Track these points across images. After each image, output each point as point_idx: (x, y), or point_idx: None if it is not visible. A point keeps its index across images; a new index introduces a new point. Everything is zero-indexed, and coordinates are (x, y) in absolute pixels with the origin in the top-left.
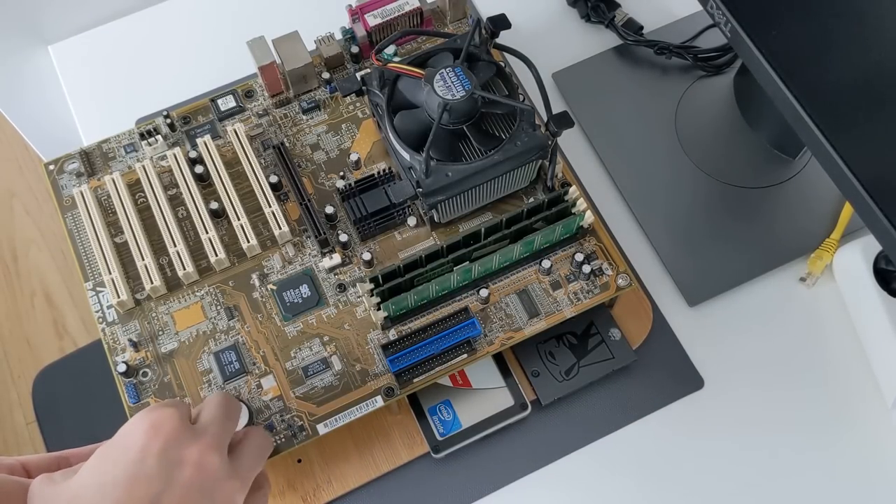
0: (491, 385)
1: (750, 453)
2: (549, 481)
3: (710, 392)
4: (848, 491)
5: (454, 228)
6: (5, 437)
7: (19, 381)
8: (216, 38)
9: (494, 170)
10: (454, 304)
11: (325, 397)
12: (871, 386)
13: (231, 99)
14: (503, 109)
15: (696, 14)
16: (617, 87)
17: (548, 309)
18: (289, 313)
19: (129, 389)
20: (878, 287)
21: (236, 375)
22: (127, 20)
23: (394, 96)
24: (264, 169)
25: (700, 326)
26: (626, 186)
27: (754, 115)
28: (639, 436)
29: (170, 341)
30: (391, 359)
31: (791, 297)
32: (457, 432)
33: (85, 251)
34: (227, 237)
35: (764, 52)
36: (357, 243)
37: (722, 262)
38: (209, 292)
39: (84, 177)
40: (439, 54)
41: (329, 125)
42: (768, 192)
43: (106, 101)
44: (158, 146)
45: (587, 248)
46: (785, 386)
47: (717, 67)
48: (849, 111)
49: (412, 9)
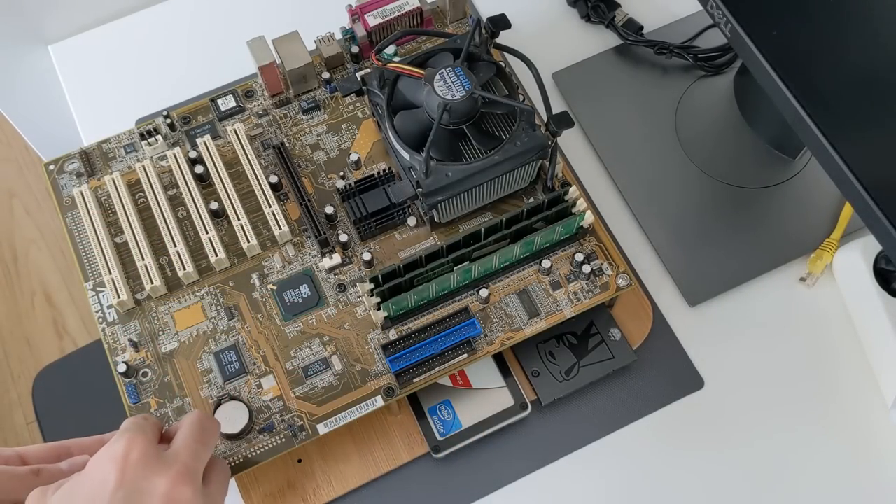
0: (491, 385)
1: (749, 453)
2: (549, 481)
3: (710, 392)
4: (848, 491)
5: (454, 228)
6: (5, 437)
7: (19, 381)
8: (216, 38)
9: (494, 170)
10: (454, 304)
11: (325, 397)
12: (871, 386)
13: (231, 99)
14: (503, 109)
15: (696, 14)
16: (617, 87)
17: (548, 309)
18: (289, 313)
19: (129, 389)
20: (878, 287)
21: (236, 375)
22: (127, 20)
23: (394, 96)
24: (264, 169)
25: (700, 326)
26: (626, 186)
27: (754, 115)
28: (639, 436)
29: (170, 341)
30: (391, 359)
31: (791, 297)
32: (457, 432)
33: (85, 251)
34: (227, 237)
35: (764, 52)
36: (357, 243)
37: (722, 262)
38: (209, 292)
39: (84, 177)
40: (439, 54)
41: (329, 125)
42: (768, 192)
43: (106, 101)
44: (158, 146)
45: (587, 248)
46: (785, 386)
47: (717, 67)
48: (849, 111)
49: (412, 9)
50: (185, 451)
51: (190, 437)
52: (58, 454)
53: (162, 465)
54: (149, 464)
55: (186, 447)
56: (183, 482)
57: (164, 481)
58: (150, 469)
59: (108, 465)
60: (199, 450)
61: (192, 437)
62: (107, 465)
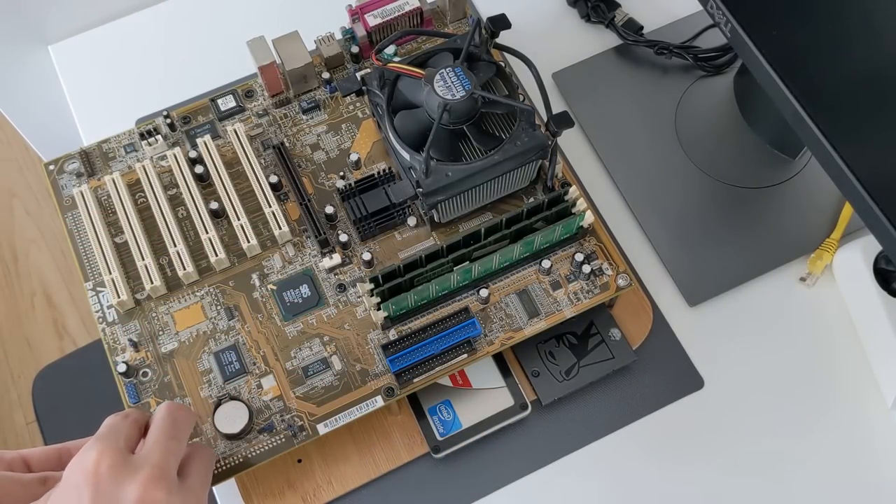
0: (491, 385)
1: (749, 453)
2: (549, 481)
3: (710, 392)
4: (848, 491)
5: (454, 228)
6: (5, 437)
7: (19, 381)
8: (216, 38)
9: (494, 170)
10: (454, 304)
11: (325, 397)
12: (871, 386)
13: (231, 99)
14: (503, 109)
15: (696, 14)
16: (617, 87)
17: (548, 309)
18: (289, 313)
19: (129, 389)
20: (878, 287)
21: (236, 375)
22: (127, 20)
23: (394, 96)
24: (264, 169)
25: (700, 326)
26: (626, 186)
27: (754, 115)
28: (639, 436)
29: (170, 341)
30: (391, 359)
31: (791, 297)
32: (457, 432)
33: (85, 251)
34: (227, 237)
35: (764, 52)
36: (357, 243)
37: (722, 262)
38: (209, 292)
39: (84, 177)
40: (439, 54)
41: (329, 125)
42: (768, 192)
43: (106, 101)
44: (158, 146)
45: (587, 248)
46: (785, 386)
47: (717, 67)
48: (849, 111)
49: (412, 9)
50: (156, 451)
51: (160, 432)
52: (59, 456)
53: (131, 473)
54: (118, 474)
55: (157, 446)
56: (154, 486)
57: (135, 488)
58: (121, 478)
59: (80, 478)
60: (170, 446)
61: (163, 432)
62: (79, 479)
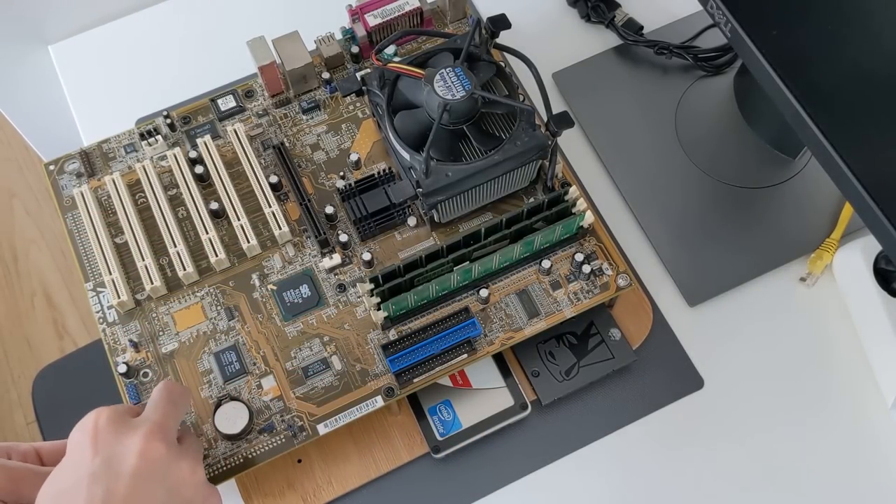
0: (491, 385)
1: (750, 453)
2: (549, 481)
3: (710, 392)
4: (848, 490)
5: (454, 228)
6: (5, 437)
7: (19, 381)
8: (216, 38)
9: (494, 170)
10: (454, 304)
11: (325, 397)
12: (871, 386)
13: (231, 99)
14: (503, 109)
15: (696, 14)
16: (617, 88)
17: (548, 309)
18: (289, 313)
19: (129, 390)
20: (878, 287)
21: (236, 376)
22: (127, 20)
23: (394, 96)
24: (264, 169)
25: (700, 326)
26: (626, 186)
27: (754, 115)
28: (639, 436)
29: (170, 342)
30: (391, 359)
31: (791, 297)
32: (457, 432)
33: (85, 251)
34: (227, 237)
35: (764, 52)
36: (357, 243)
37: (722, 262)
38: (209, 293)
39: (84, 177)
40: (439, 54)
41: (329, 125)
42: (768, 192)
43: (106, 101)
44: (158, 146)
45: (587, 248)
46: (785, 386)
47: (717, 67)
48: (849, 111)
49: (412, 9)
50: (155, 411)
51: (158, 398)
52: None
53: (132, 427)
54: (118, 427)
55: (155, 407)
56: (155, 438)
57: (137, 440)
58: (121, 432)
59: (80, 437)
60: (168, 409)
61: (161, 398)
62: (80, 438)
